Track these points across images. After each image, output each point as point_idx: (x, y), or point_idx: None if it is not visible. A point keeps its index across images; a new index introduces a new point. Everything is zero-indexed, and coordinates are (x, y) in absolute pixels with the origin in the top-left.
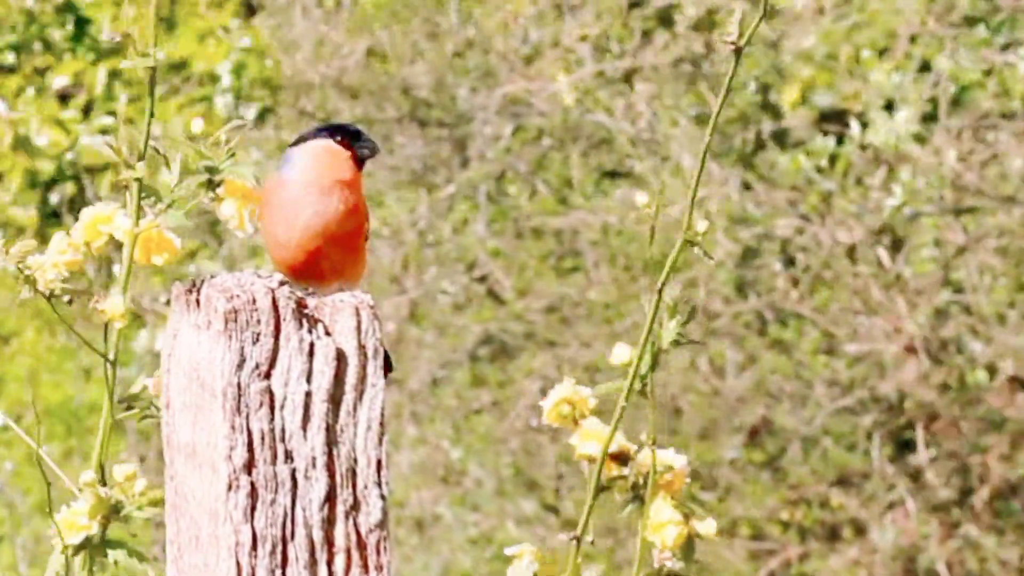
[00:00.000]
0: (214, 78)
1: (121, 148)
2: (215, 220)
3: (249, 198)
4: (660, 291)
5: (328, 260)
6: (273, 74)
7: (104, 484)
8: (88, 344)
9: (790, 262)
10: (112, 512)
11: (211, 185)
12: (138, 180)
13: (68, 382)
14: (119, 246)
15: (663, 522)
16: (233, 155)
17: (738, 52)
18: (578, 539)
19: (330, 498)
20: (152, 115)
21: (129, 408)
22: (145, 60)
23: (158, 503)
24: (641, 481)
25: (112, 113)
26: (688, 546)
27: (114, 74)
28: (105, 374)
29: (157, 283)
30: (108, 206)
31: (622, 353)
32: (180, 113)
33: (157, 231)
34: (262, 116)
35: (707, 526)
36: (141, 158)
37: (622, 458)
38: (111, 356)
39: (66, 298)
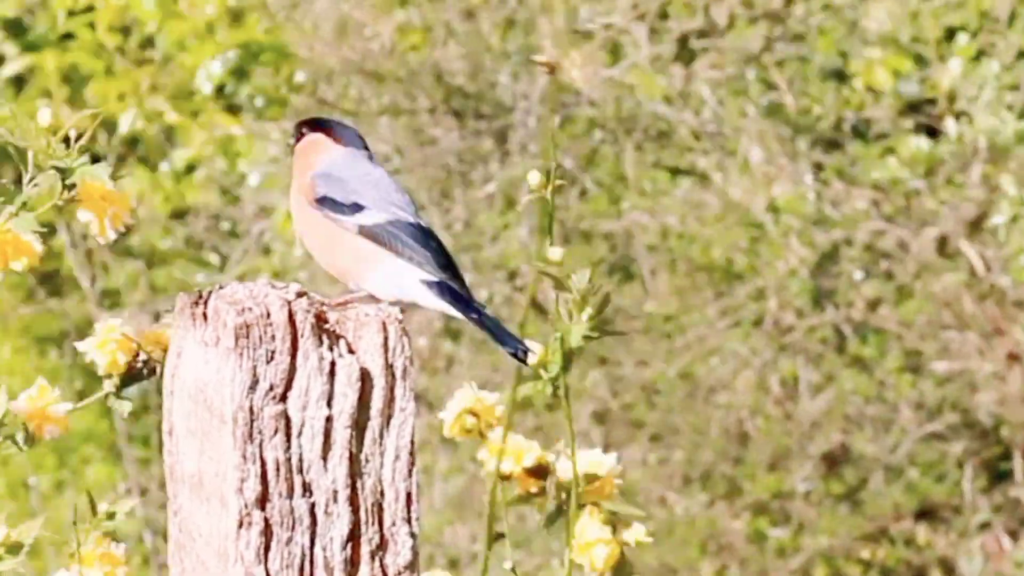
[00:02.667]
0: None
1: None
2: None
3: (109, 200)
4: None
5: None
6: (286, 56)
7: None
8: None
9: (871, 270)
10: None
11: (65, 187)
12: None
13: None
14: None
15: (590, 542)
16: (85, 151)
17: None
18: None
19: (353, 536)
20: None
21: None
22: None
23: (16, 550)
24: (564, 496)
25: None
26: (621, 566)
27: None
28: None
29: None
30: None
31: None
32: (153, 92)
33: (12, 234)
34: (276, 102)
35: (635, 532)
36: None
37: (541, 472)
38: None
39: None
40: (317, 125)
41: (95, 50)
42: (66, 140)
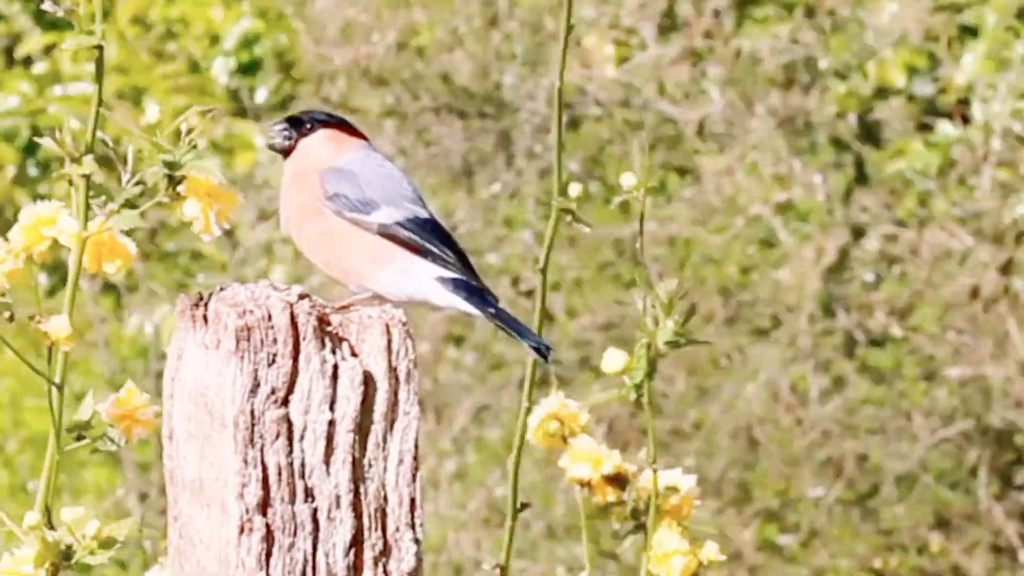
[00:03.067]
0: (214, 43)
1: (65, 140)
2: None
3: (215, 197)
4: (543, 270)
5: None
6: (288, 51)
7: (51, 527)
8: (31, 366)
9: (883, 274)
10: (62, 559)
11: (171, 182)
12: (85, 176)
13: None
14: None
15: (668, 552)
16: (195, 147)
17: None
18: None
19: (356, 542)
20: (100, 102)
21: (79, 438)
22: (88, 39)
23: (110, 545)
24: (643, 507)
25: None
26: None
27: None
28: (49, 401)
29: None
30: (51, 205)
31: (615, 360)
32: (169, 95)
33: (108, 235)
34: (280, 100)
35: (711, 551)
36: (89, 151)
37: (620, 481)
38: (56, 378)
39: (6, 314)
40: (329, 119)
41: (118, 41)
42: (177, 134)
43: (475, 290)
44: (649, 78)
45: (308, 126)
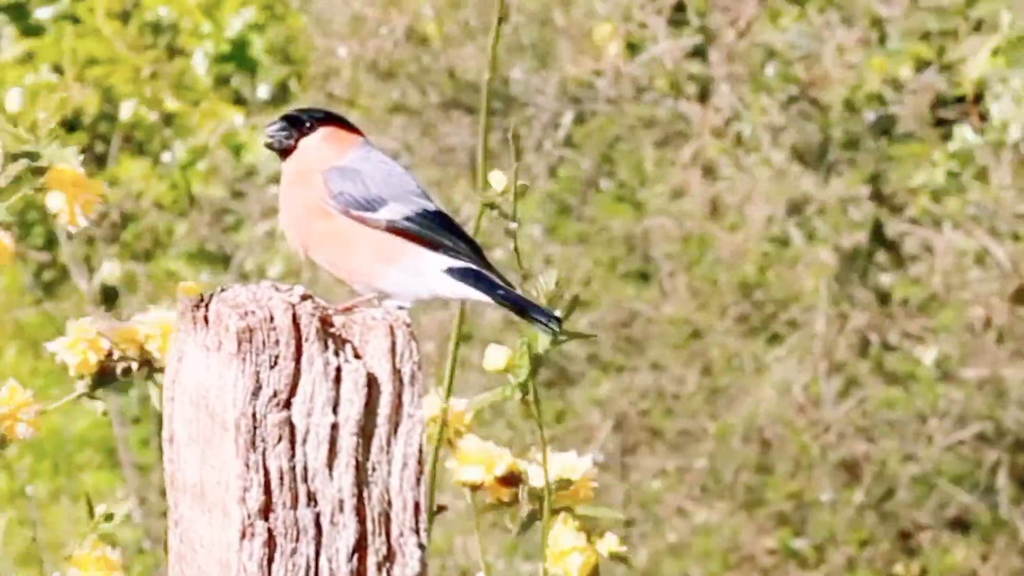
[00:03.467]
0: (195, 34)
1: None
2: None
3: (80, 187)
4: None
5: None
6: (289, 43)
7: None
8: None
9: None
10: None
11: (35, 173)
12: None
13: (55, 411)
14: None
15: (565, 550)
16: (57, 137)
17: None
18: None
19: (360, 547)
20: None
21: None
22: None
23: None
24: (538, 504)
25: None
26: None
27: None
28: None
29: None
30: None
31: (497, 357)
32: (154, 79)
33: None
34: (282, 94)
35: (609, 543)
36: None
37: (513, 480)
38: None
39: None
40: (327, 117)
41: (95, 35)
42: (33, 125)
43: (482, 277)
44: (660, 72)
45: (307, 125)
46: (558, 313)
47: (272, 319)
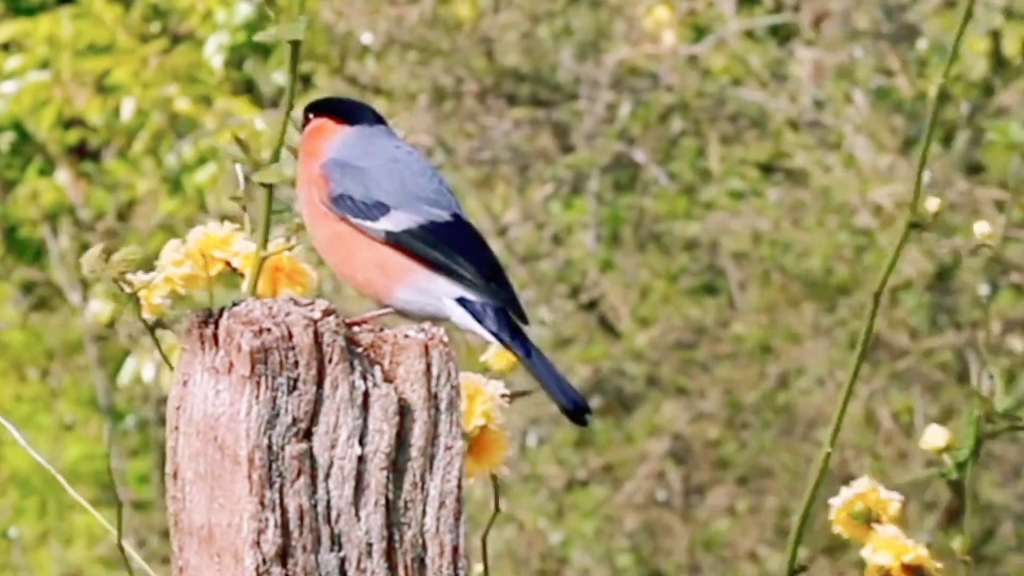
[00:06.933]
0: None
1: (249, 144)
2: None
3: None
4: (877, 296)
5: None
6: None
7: None
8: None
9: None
10: None
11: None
12: (268, 187)
13: (44, 441)
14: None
15: None
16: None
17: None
18: None
19: None
20: (292, 105)
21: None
22: (293, 30)
23: None
24: None
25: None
26: None
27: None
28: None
29: None
30: (221, 226)
31: (937, 436)
32: (161, 81)
33: (288, 257)
34: (303, 85)
35: None
36: (275, 159)
37: (918, 573)
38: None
39: (183, 323)
40: (321, 108)
41: (95, 21)
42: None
43: (504, 320)
44: (729, 58)
45: (308, 117)
46: (590, 403)
47: (290, 337)
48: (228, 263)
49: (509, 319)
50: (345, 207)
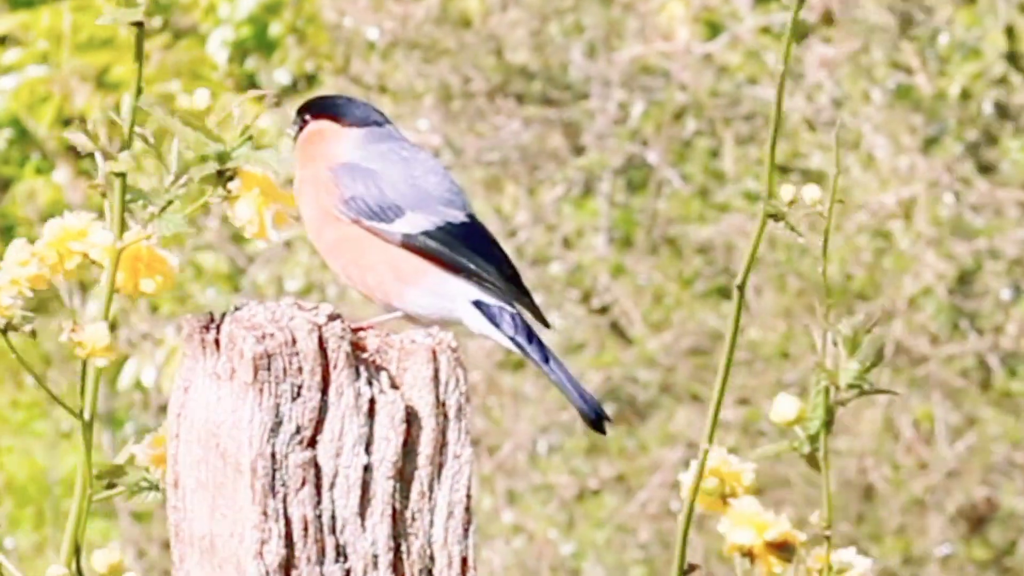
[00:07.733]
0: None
1: (98, 134)
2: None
3: (272, 195)
4: (741, 287)
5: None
6: (309, 22)
7: None
8: (55, 397)
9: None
10: None
11: (221, 179)
12: (121, 176)
13: (39, 450)
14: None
15: None
16: (250, 138)
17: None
18: None
19: None
20: (140, 90)
21: (111, 486)
22: (130, 12)
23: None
24: None
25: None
26: None
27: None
28: (84, 435)
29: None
30: (79, 217)
31: (786, 407)
32: (162, 77)
33: (147, 247)
34: (305, 82)
35: None
36: (126, 147)
37: (785, 549)
38: (86, 412)
39: (27, 328)
40: (321, 109)
41: (97, 14)
42: (223, 121)
43: (521, 324)
44: (744, 55)
45: (305, 118)
46: (607, 411)
47: (294, 342)
48: (86, 255)
49: (525, 323)
50: (358, 210)
